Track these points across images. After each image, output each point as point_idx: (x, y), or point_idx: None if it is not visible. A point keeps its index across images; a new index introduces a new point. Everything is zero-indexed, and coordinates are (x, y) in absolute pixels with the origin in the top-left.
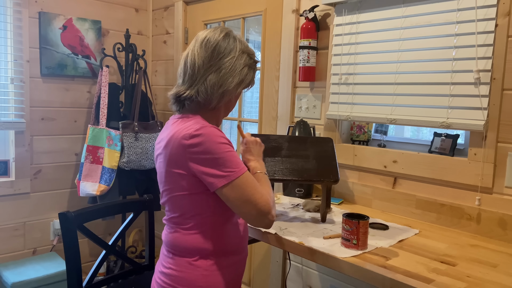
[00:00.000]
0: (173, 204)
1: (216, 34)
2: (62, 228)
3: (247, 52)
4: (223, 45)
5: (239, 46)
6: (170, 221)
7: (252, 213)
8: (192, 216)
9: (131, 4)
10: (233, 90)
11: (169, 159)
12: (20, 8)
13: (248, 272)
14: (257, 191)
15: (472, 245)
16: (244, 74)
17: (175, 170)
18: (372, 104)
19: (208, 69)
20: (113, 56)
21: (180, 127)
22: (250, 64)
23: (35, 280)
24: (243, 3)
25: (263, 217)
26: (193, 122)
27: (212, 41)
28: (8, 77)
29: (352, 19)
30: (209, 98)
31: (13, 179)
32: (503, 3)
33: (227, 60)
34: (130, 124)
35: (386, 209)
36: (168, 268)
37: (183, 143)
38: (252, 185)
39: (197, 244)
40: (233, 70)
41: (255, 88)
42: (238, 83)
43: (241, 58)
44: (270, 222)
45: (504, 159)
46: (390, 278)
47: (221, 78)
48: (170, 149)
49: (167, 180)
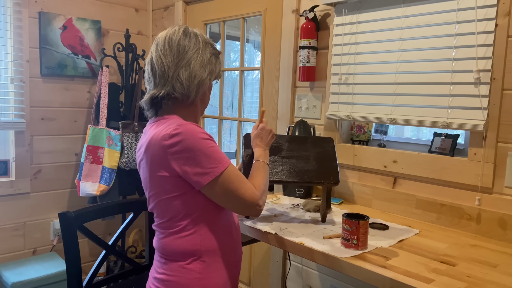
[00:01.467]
0: (161, 208)
1: (175, 32)
2: (62, 228)
3: (209, 43)
4: (185, 39)
5: (200, 38)
6: (160, 226)
7: (238, 206)
8: (182, 218)
9: (131, 4)
10: (207, 80)
11: (151, 162)
12: (20, 8)
13: (248, 272)
14: (242, 185)
15: (472, 245)
16: (213, 63)
17: (158, 174)
18: (372, 104)
19: (177, 65)
20: (113, 56)
21: (158, 130)
22: (215, 53)
23: (35, 280)
24: (243, 3)
25: (250, 209)
26: (170, 122)
27: (174, 38)
28: (8, 77)
29: (352, 19)
30: (187, 92)
31: (13, 179)
32: (503, 3)
33: (193, 52)
34: (130, 124)
35: (386, 209)
36: (161, 274)
37: (163, 144)
38: (236, 179)
39: (189, 247)
40: (203, 60)
41: (255, 88)
42: (210, 72)
43: (206, 48)
44: (258, 212)
45: (504, 159)
46: (390, 278)
47: (192, 69)
48: (151, 152)
49: (152, 185)
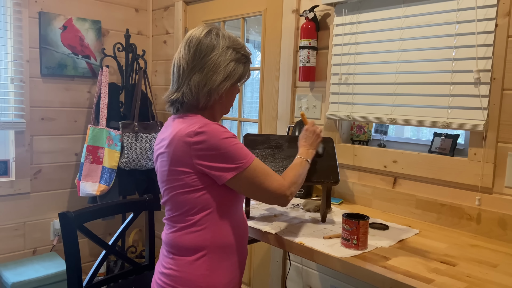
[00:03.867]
0: (175, 202)
1: (198, 32)
2: (62, 228)
3: (232, 47)
4: (205, 42)
5: (222, 42)
6: (171, 220)
7: (265, 198)
8: (195, 212)
9: (131, 4)
10: (220, 88)
11: (172, 157)
12: (20, 8)
13: (248, 272)
14: (268, 177)
15: (472, 245)
16: (231, 69)
17: (179, 168)
18: (372, 104)
19: (191, 70)
20: (113, 56)
21: (183, 126)
22: (237, 58)
23: (35, 280)
24: (243, 3)
25: (277, 199)
26: (195, 121)
27: (194, 40)
28: (8, 77)
29: (352, 19)
30: (196, 98)
31: (13, 179)
32: (503, 3)
33: (209, 58)
34: (130, 124)
35: (386, 209)
36: (168, 269)
37: (187, 141)
38: (262, 172)
39: (198, 242)
40: (217, 67)
41: (255, 88)
42: (223, 79)
43: (225, 54)
44: (286, 202)
45: (504, 159)
46: (390, 278)
47: (204, 76)
48: (174, 147)
49: (169, 179)
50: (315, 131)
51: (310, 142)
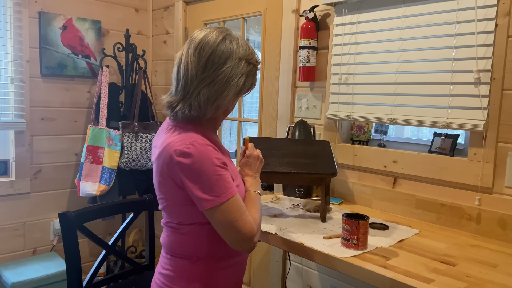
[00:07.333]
0: (170, 212)
1: (211, 40)
2: (62, 228)
3: (245, 58)
4: (218, 53)
5: (235, 53)
6: (168, 225)
7: (233, 238)
8: (189, 224)
9: (131, 4)
10: (229, 103)
11: (161, 170)
12: (20, 8)
13: (248, 272)
14: (242, 218)
15: (472, 245)
16: (241, 84)
17: (168, 182)
18: (372, 104)
19: (201, 82)
20: (113, 56)
21: (173, 139)
22: (248, 71)
23: (35, 280)
24: (243, 3)
25: (244, 243)
26: (185, 136)
27: (207, 48)
28: (8, 77)
29: (352, 19)
30: (203, 112)
31: (13, 179)
32: (503, 3)
33: (222, 71)
34: (130, 124)
35: (386, 209)
36: (166, 269)
37: (173, 159)
38: (237, 211)
39: (195, 249)
40: (228, 81)
41: (255, 88)
42: (235, 94)
43: (238, 67)
44: (251, 248)
45: (504, 159)
46: (390, 278)
47: (215, 92)
48: (162, 161)
49: (161, 190)
50: (258, 156)
51: (255, 169)
